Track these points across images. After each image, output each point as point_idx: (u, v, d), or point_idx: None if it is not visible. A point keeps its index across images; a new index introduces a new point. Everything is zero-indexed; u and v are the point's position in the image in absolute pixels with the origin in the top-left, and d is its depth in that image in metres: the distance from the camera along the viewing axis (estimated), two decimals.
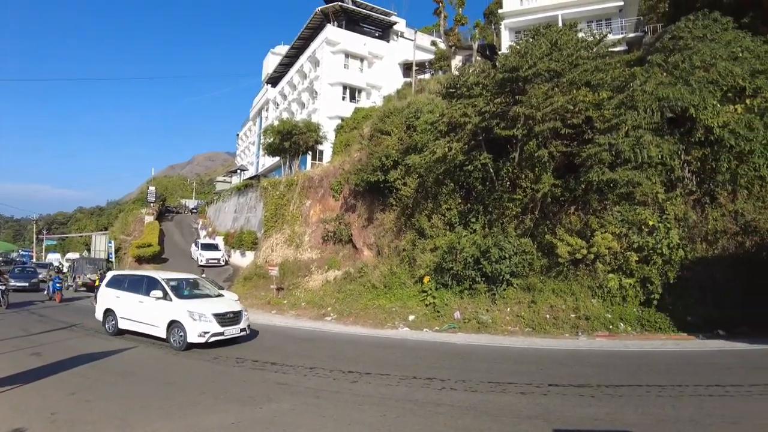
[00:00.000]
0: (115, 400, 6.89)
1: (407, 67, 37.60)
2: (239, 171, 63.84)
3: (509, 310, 14.01)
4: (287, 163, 32.56)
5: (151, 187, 61.69)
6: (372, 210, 21.64)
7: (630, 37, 26.21)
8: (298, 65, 43.17)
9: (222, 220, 45.29)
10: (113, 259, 38.30)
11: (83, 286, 28.13)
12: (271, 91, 51.45)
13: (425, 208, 18.36)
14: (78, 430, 5.73)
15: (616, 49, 18.96)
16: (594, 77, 14.25)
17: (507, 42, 30.59)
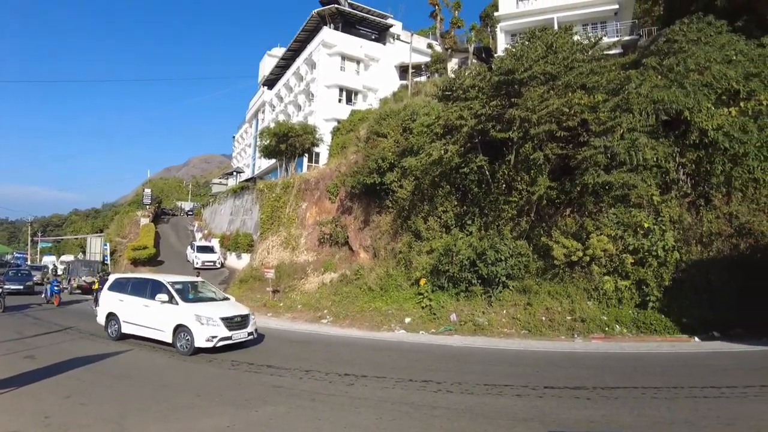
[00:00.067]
0: (111, 403, 6.85)
1: (403, 70, 37.68)
2: (235, 173, 63.58)
3: (505, 312, 14.02)
4: (283, 166, 32.55)
5: (147, 189, 61.67)
6: (368, 212, 21.64)
7: (625, 41, 26.35)
8: (294, 67, 43.15)
9: (218, 222, 45.20)
10: (108, 262, 38.11)
11: (78, 288, 27.92)
12: (268, 94, 51.36)
13: (421, 210, 18.39)
14: None
15: (611, 52, 19.08)
16: (589, 80, 14.33)
17: (503, 45, 30.75)
